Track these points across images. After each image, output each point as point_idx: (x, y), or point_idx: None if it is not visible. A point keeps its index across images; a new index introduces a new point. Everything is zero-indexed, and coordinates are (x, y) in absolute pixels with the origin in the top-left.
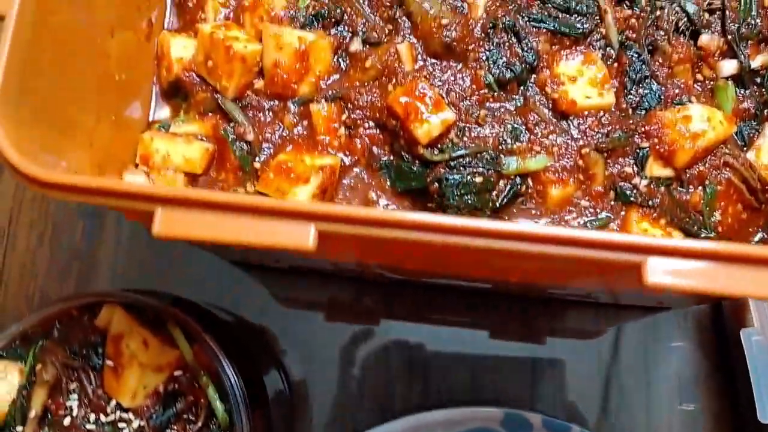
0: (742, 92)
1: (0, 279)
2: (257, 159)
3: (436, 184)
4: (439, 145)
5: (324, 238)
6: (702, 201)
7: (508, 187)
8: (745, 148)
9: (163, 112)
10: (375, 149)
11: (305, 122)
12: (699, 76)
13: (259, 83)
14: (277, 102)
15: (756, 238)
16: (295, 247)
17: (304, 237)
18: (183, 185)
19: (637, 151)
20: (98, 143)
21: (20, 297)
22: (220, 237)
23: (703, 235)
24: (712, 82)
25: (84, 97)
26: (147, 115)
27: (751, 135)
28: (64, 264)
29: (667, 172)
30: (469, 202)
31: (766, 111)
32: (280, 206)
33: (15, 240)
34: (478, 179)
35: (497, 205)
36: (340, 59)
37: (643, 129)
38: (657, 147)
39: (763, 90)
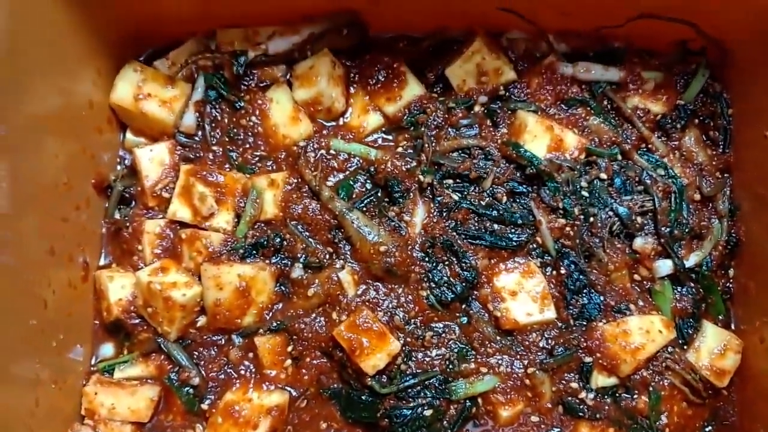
0: (678, 291)
1: None
2: (204, 400)
3: (387, 421)
4: (387, 372)
5: None
6: (648, 406)
7: (458, 412)
8: (685, 347)
9: (106, 350)
10: (323, 378)
11: (251, 355)
12: (636, 277)
13: (201, 321)
14: (220, 336)
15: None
16: None
17: None
18: None
19: (581, 365)
20: (43, 400)
21: None
22: None
23: None
24: (649, 283)
25: (24, 369)
26: (90, 354)
27: (690, 333)
28: None
29: (612, 381)
30: None
31: (703, 306)
32: None
33: None
34: (428, 412)
35: (449, 431)
36: (283, 286)
37: (585, 344)
38: (600, 361)
39: (699, 287)
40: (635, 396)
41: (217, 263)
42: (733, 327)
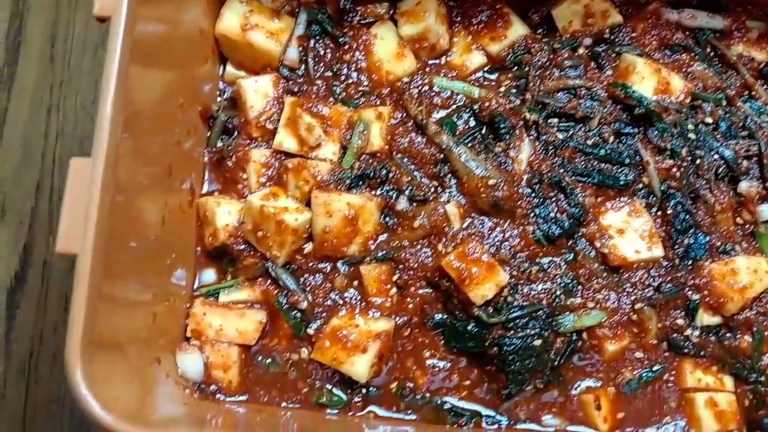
0: None
1: None
2: (311, 325)
3: (496, 349)
4: (493, 304)
5: None
6: (751, 346)
7: (566, 345)
8: None
9: (208, 276)
10: (427, 308)
11: (356, 283)
12: (739, 220)
13: (308, 247)
14: (326, 264)
15: None
16: None
17: None
18: (237, 357)
19: (688, 302)
20: (156, 322)
21: None
22: None
23: (752, 379)
24: (752, 226)
25: (144, 285)
26: (192, 279)
27: None
28: None
29: (716, 320)
30: (530, 365)
31: None
32: None
33: None
34: (538, 342)
35: (555, 363)
36: (388, 218)
37: (692, 282)
38: (707, 299)
39: None
40: (738, 336)
41: (327, 191)
42: None
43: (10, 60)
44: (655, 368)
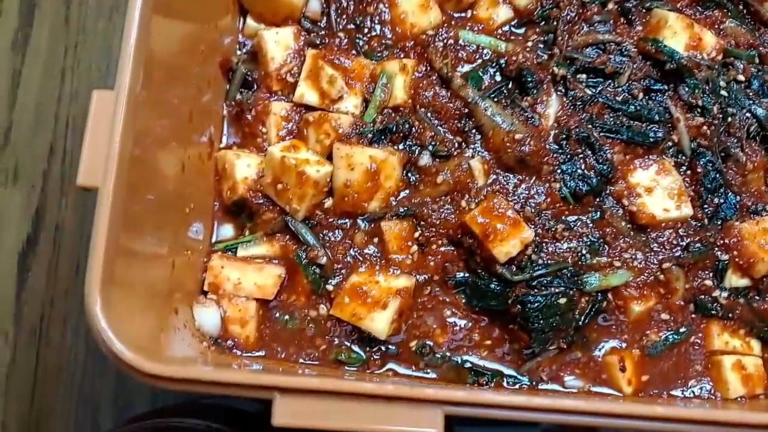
0: None
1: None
2: (330, 281)
3: (519, 307)
4: (517, 262)
5: None
6: None
7: (590, 304)
8: None
9: (226, 231)
10: (448, 266)
11: (376, 240)
12: None
13: (328, 202)
14: (346, 220)
15: None
16: None
17: (431, 422)
18: (255, 312)
19: (716, 263)
20: (175, 273)
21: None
22: (342, 426)
23: None
24: None
25: (164, 233)
26: (209, 234)
27: None
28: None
29: (745, 282)
30: (554, 324)
31: None
32: (407, 393)
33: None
34: (562, 300)
35: (579, 323)
36: (410, 174)
37: (722, 242)
38: (736, 259)
39: None
40: (767, 298)
41: (348, 143)
42: None
43: (24, 23)
44: (681, 330)
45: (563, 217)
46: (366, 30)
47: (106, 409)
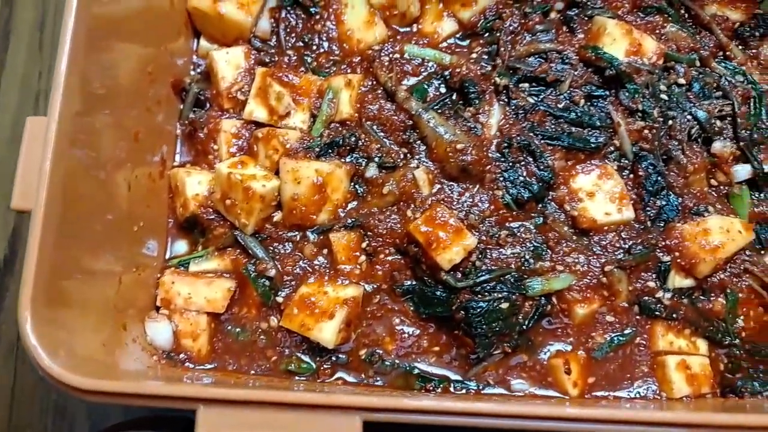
0: (756, 196)
1: None
2: (279, 293)
3: (462, 313)
4: (461, 269)
5: None
6: (724, 308)
7: (534, 308)
8: (762, 252)
9: (180, 246)
10: (396, 274)
11: (325, 251)
12: (713, 182)
13: (277, 216)
14: (296, 233)
15: None
16: None
17: (348, 429)
18: (206, 326)
19: (659, 264)
20: (123, 290)
21: None
22: None
23: (726, 342)
24: (726, 188)
25: (107, 251)
26: (164, 250)
27: None
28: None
29: (689, 282)
30: (497, 329)
31: None
32: (327, 401)
33: None
34: (505, 305)
35: (524, 327)
36: (357, 185)
37: (663, 243)
38: (678, 260)
39: None
40: (712, 298)
41: (295, 158)
42: None
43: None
44: (626, 332)
45: (507, 224)
46: (314, 47)
47: (80, 424)
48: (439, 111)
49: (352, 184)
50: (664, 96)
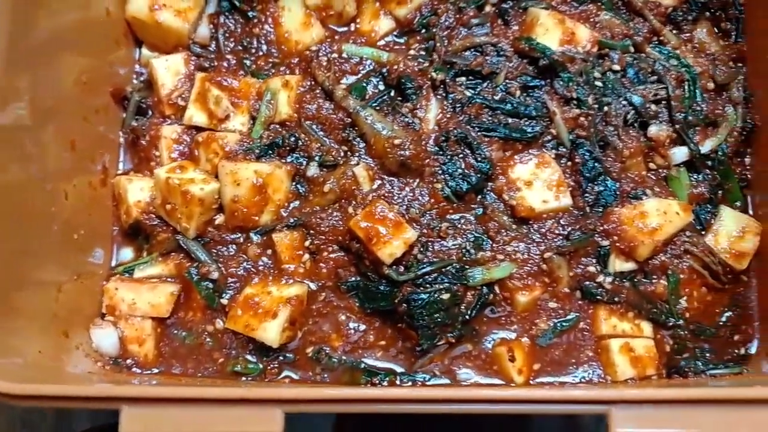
0: (695, 177)
1: None
2: (224, 295)
3: (405, 306)
4: (404, 263)
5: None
6: (667, 290)
7: (477, 298)
8: (703, 232)
9: (126, 254)
10: (340, 271)
11: (269, 251)
12: (652, 165)
13: (219, 218)
14: (239, 235)
15: (723, 318)
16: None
17: (270, 422)
18: (151, 330)
19: (599, 249)
20: (63, 298)
21: None
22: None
23: (671, 323)
24: (665, 171)
25: (45, 259)
26: (109, 258)
27: (708, 219)
28: None
29: (630, 266)
30: (439, 320)
31: (719, 193)
32: (247, 395)
33: None
34: (445, 296)
35: (466, 317)
36: (299, 185)
37: (602, 228)
38: (617, 244)
39: (715, 173)
40: (654, 280)
41: (233, 160)
42: (750, 213)
43: None
44: (569, 317)
45: (447, 216)
46: (253, 50)
47: None
48: (378, 108)
49: (294, 183)
50: (598, 83)
